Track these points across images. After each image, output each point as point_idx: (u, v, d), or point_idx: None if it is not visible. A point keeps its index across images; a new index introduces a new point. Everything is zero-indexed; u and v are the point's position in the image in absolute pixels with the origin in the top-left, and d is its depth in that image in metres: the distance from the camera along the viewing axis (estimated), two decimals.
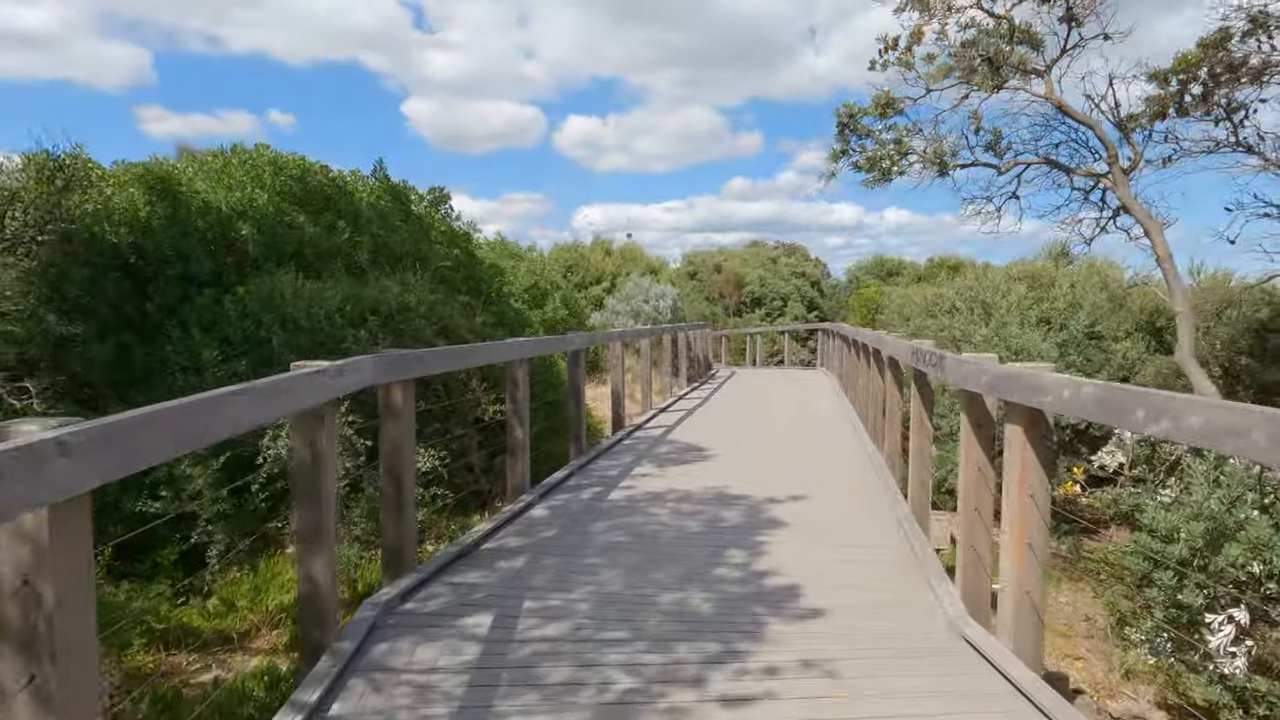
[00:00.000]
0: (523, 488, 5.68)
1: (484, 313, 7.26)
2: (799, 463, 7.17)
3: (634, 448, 7.95)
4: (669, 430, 9.11)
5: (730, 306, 28.48)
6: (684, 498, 5.73)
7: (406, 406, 3.84)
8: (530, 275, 12.93)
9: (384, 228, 6.94)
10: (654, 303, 15.90)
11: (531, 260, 13.28)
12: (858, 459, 7.36)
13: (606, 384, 14.17)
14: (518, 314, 8.44)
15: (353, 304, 5.70)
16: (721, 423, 9.78)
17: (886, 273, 27.43)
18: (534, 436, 8.36)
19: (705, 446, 8.01)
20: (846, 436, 8.76)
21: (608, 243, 21.90)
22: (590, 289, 19.54)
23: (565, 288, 14.87)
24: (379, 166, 7.91)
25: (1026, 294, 9.68)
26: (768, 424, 9.74)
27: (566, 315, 13.42)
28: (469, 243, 8.05)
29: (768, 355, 26.46)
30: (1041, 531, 3.02)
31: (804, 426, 9.51)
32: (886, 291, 20.25)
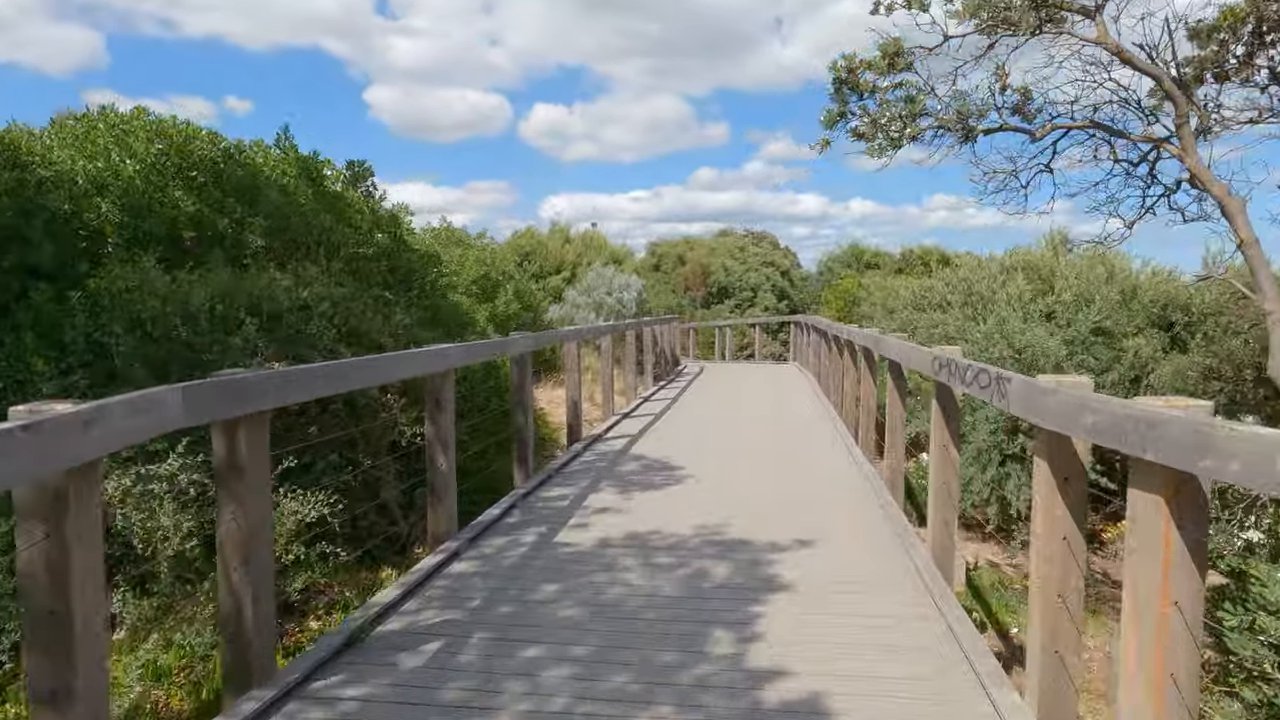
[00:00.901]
0: (448, 533, 4.57)
1: (412, 310, 6.13)
2: (786, 484, 6.17)
3: (593, 466, 6.87)
4: (633, 441, 8.05)
5: (697, 298, 27.50)
6: (652, 540, 4.67)
7: (254, 454, 2.71)
8: (479, 265, 11.75)
9: (286, 207, 5.76)
10: (617, 294, 14.83)
11: (481, 249, 12.10)
12: (852, 479, 6.37)
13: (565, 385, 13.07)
14: (456, 311, 7.32)
15: (225, 302, 4.53)
16: (693, 430, 8.75)
17: (862, 264, 26.66)
18: (480, 454, 7.27)
19: (676, 463, 6.97)
20: (834, 447, 7.79)
21: (567, 229, 20.75)
22: (548, 279, 18.36)
23: (520, 279, 13.71)
24: (284, 135, 6.67)
25: (1026, 286, 8.79)
26: (744, 431, 8.74)
27: (520, 310, 12.27)
28: (397, 226, 6.93)
29: (737, 348, 25.55)
30: (1193, 657, 2.00)
31: (785, 435, 8.53)
32: (864, 283, 19.41)
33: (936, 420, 4.13)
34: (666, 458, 7.18)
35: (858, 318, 18.45)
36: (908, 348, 4.80)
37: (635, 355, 11.89)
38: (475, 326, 8.92)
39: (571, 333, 7.70)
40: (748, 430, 8.84)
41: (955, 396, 4.09)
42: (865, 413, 7.54)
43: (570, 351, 7.88)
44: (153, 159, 5.62)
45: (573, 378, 7.91)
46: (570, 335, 7.61)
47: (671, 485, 6.16)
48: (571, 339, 7.75)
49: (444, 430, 4.54)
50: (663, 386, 13.49)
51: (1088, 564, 2.92)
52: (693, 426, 9.09)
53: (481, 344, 4.98)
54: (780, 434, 8.59)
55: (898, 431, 5.79)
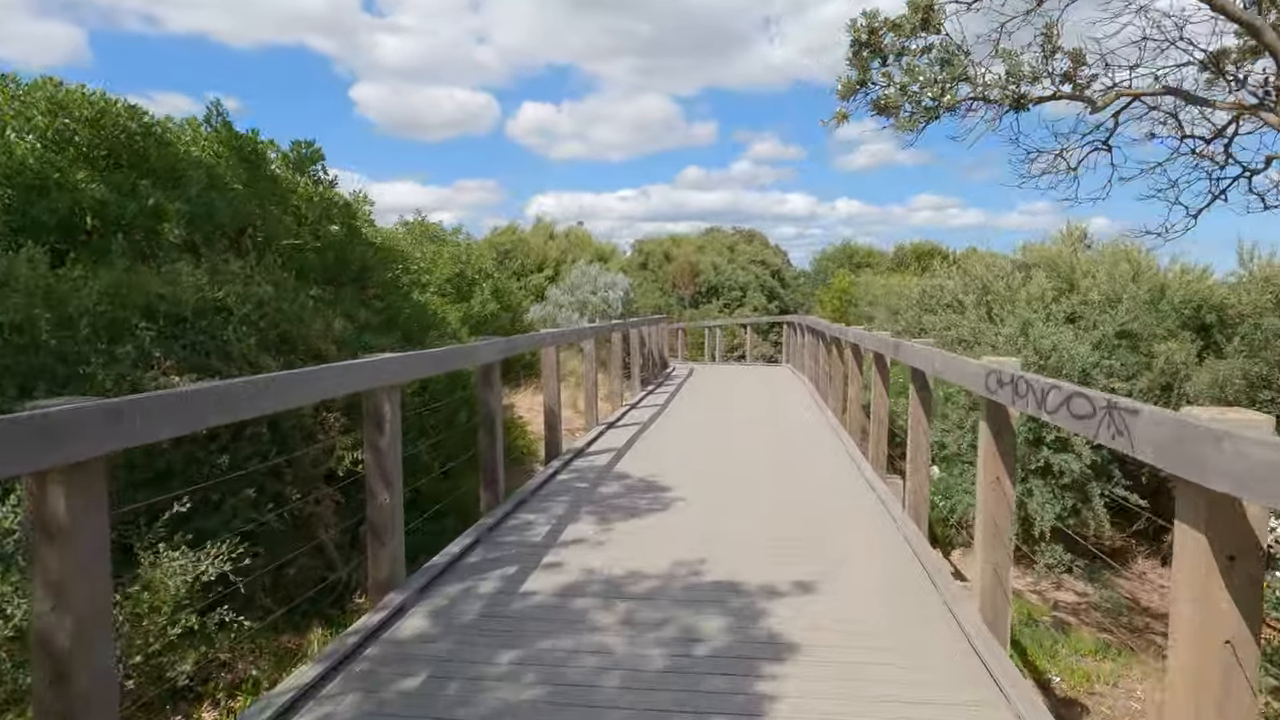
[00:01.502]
0: (393, 582, 3.78)
1: (363, 311, 5.34)
2: (789, 510, 5.42)
3: (571, 488, 6.10)
4: (618, 456, 7.28)
5: (686, 297, 26.77)
6: (634, 588, 3.91)
7: (80, 519, 1.92)
8: (454, 263, 10.95)
9: (213, 192, 4.96)
10: (603, 293, 14.07)
11: (456, 245, 11.30)
12: (866, 503, 5.63)
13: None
14: (421, 312, 6.53)
15: (115, 302, 3.72)
16: (683, 443, 7.99)
17: (855, 263, 26.01)
18: (449, 474, 6.49)
19: (664, 483, 6.21)
20: (839, 463, 7.05)
21: (551, 226, 19.93)
22: (530, 278, 17.56)
23: (499, 277, 12.91)
24: (215, 108, 5.82)
25: (1048, 284, 8.08)
26: (739, 443, 7.99)
27: (498, 310, 11.47)
28: (351, 217, 6.14)
29: (727, 349, 24.83)
30: None
31: (784, 448, 7.78)
32: (859, 282, 18.73)
33: (986, 448, 3.39)
34: (653, 477, 6.42)
35: (854, 318, 17.76)
36: (946, 358, 4.06)
37: (621, 358, 11.12)
38: (445, 329, 8.13)
39: (550, 336, 6.92)
40: (743, 442, 8.09)
41: (1009, 418, 3.34)
42: (876, 424, 6.80)
43: (549, 357, 7.10)
44: (58, 134, 4.80)
45: (551, 386, 7.13)
46: (548, 339, 6.83)
47: (658, 512, 5.39)
48: (550, 343, 6.98)
49: (386, 458, 3.75)
50: (650, 392, 12.73)
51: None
52: (683, 438, 8.33)
53: (432, 354, 4.19)
54: (778, 447, 7.84)
55: (921, 450, 5.06)
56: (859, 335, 7.88)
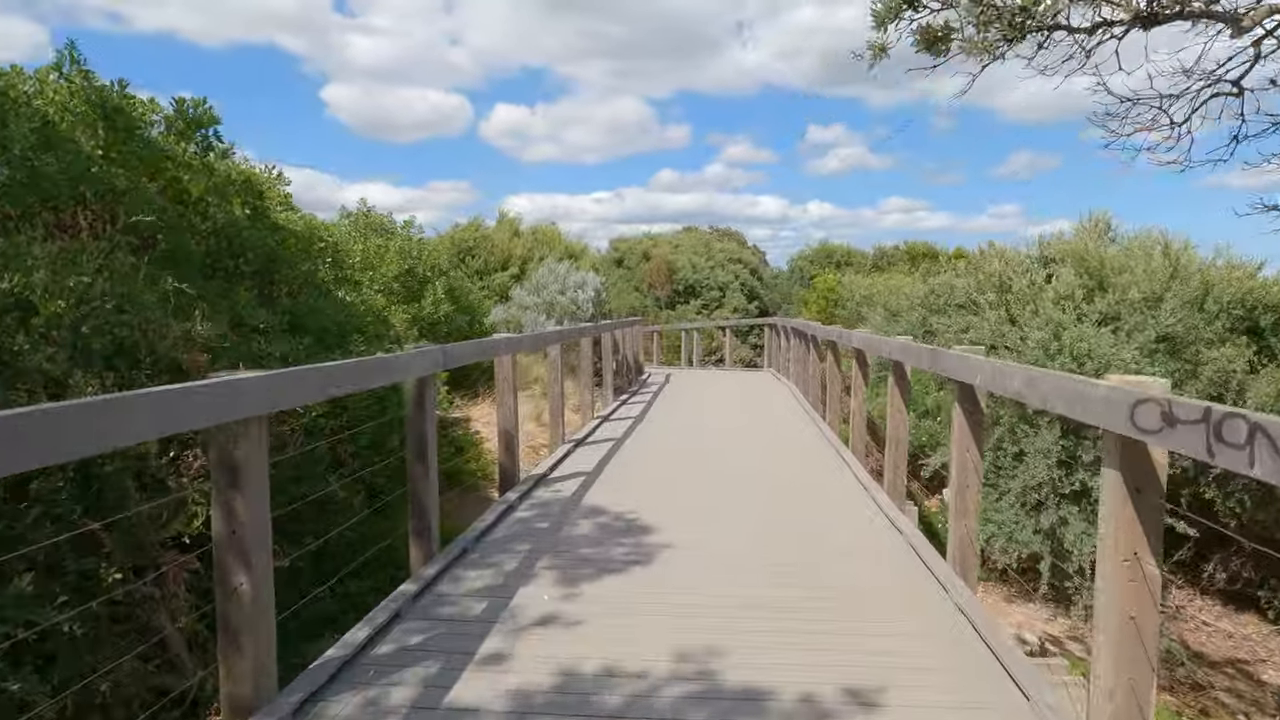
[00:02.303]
0: (256, 700, 2.64)
1: (261, 312, 4.18)
2: (796, 557, 4.35)
3: (529, 529, 4.98)
4: (588, 484, 6.18)
5: (662, 298, 25.71)
6: (611, 698, 2.81)
7: None
8: (402, 258, 9.76)
9: (47, 153, 3.80)
10: (572, 294, 12.93)
11: (406, 239, 10.11)
12: (893, 550, 4.58)
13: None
14: (347, 312, 5.37)
15: None
16: (662, 466, 6.90)
17: (834, 262, 25.12)
18: (378, 513, 5.34)
19: (645, 520, 5.12)
20: (847, 490, 6.01)
21: (517, 222, 18.73)
22: (494, 276, 16.38)
23: (456, 275, 11.74)
24: (69, 51, 4.59)
25: (1077, 282, 7.12)
26: (728, 465, 6.92)
27: (453, 311, 10.31)
28: (256, 196, 4.96)
29: (705, 353, 23.81)
30: None
31: (780, 471, 6.72)
32: (845, 282, 17.78)
33: (1116, 511, 2.33)
34: (631, 513, 5.32)
35: (843, 319, 16.82)
36: (1032, 375, 2.95)
37: (592, 365, 10.00)
38: (384, 333, 6.97)
39: (504, 342, 5.79)
40: (733, 463, 7.02)
41: (1155, 466, 2.29)
42: (893, 446, 5.77)
43: (503, 367, 5.97)
44: None
45: (507, 402, 6.00)
46: (502, 345, 5.70)
47: (639, 566, 4.29)
48: (505, 350, 5.85)
49: (246, 524, 2.61)
50: (624, 401, 11.63)
51: None
52: (663, 460, 7.24)
53: (328, 370, 3.06)
54: (775, 471, 6.78)
55: (970, 489, 4.01)
56: (865, 340, 6.85)
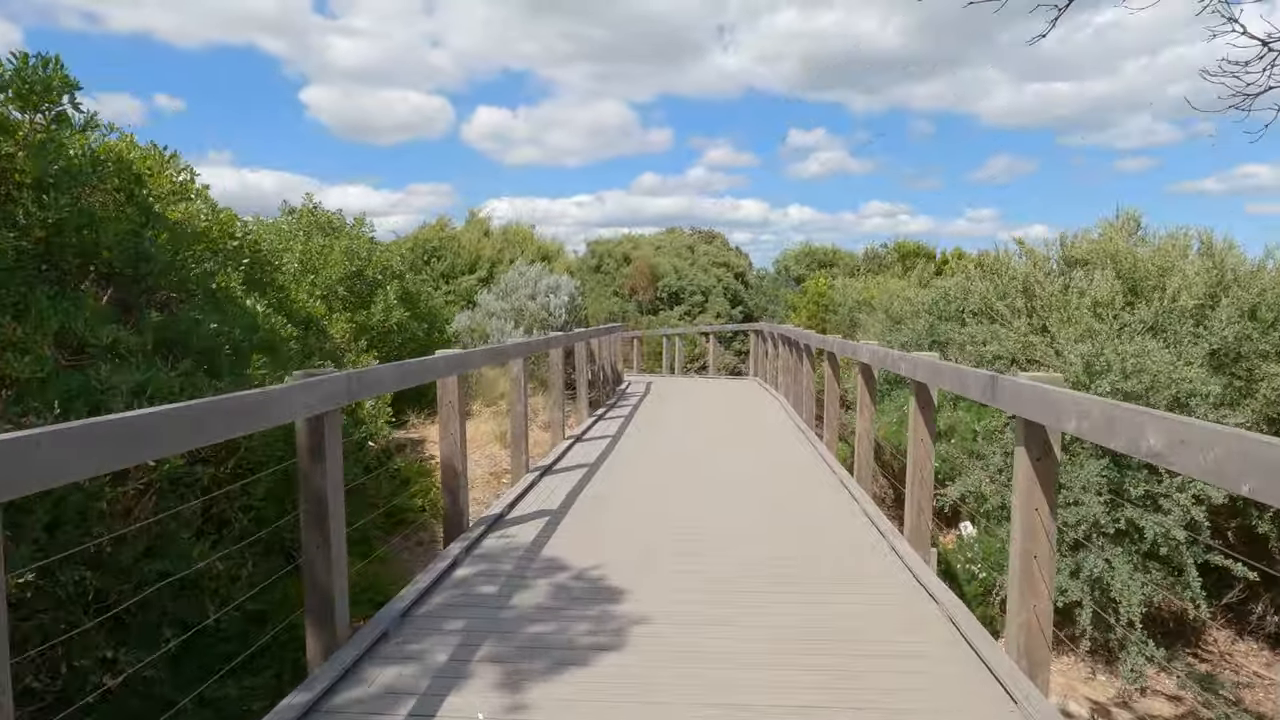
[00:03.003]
0: None
1: (111, 327, 3.18)
2: (827, 665, 3.39)
3: (472, 599, 4.00)
4: (552, 527, 5.21)
5: (644, 303, 24.76)
6: None
7: None
8: (349, 260, 8.73)
9: None
10: (543, 298, 11.94)
11: (355, 238, 9.08)
12: (937, 628, 3.63)
13: (476, 414, 10.12)
14: (253, 328, 4.36)
15: None
16: (641, 502, 5.94)
17: (819, 263, 24.28)
18: (282, 583, 4.32)
19: (620, 580, 4.18)
20: (862, 534, 5.07)
21: (487, 221, 17.66)
22: (460, 280, 15.33)
23: (414, 278, 10.72)
24: None
25: (1118, 286, 6.25)
26: (719, 498, 5.97)
27: (408, 319, 9.28)
28: (135, 183, 3.97)
29: (688, 360, 22.89)
30: None
31: (780, 506, 5.77)
32: (837, 286, 16.90)
33: None
34: (603, 571, 4.36)
35: (834, 325, 15.96)
36: (1198, 430, 1.96)
37: (564, 378, 9.02)
38: (308, 350, 5.96)
39: (447, 361, 4.80)
40: (723, 498, 6.07)
41: None
42: (917, 484, 4.83)
43: (447, 391, 4.98)
44: None
45: (452, 433, 5.01)
46: (441, 365, 4.70)
47: (610, 654, 3.33)
48: (449, 370, 4.86)
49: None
50: (600, 417, 10.66)
51: None
52: (642, 493, 6.27)
53: (108, 424, 2.05)
54: (773, 507, 5.84)
55: (1041, 559, 3.07)
56: (878, 355, 5.92)
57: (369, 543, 5.47)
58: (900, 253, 20.76)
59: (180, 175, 4.82)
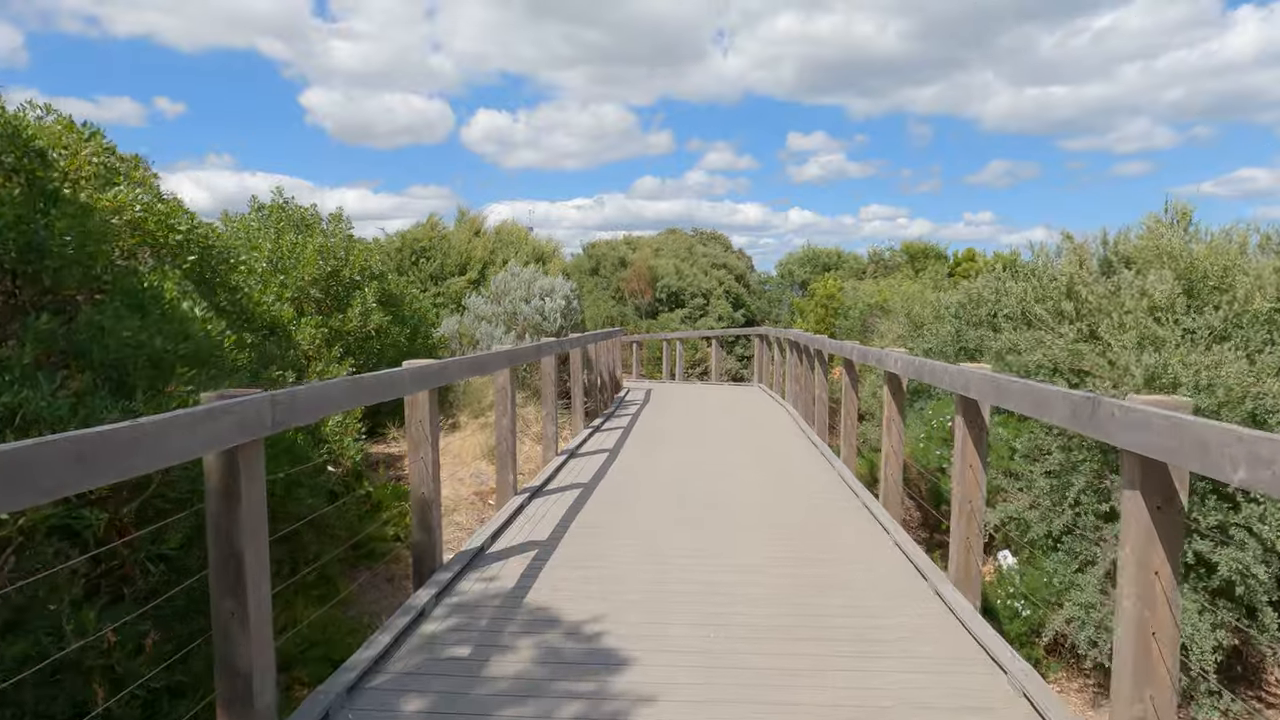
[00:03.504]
0: None
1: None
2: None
3: (433, 670, 3.31)
4: (537, 568, 4.53)
5: (642, 306, 24.09)
6: None
7: None
8: (324, 259, 8.05)
9: None
10: (538, 301, 11.24)
11: (330, 236, 8.40)
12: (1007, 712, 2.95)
13: (461, 426, 9.43)
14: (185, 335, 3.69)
15: None
16: (647, 531, 5.25)
17: (823, 266, 23.63)
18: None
19: (612, 642, 3.50)
20: (901, 579, 4.39)
21: (479, 220, 17.00)
22: (449, 282, 14.65)
23: (398, 279, 10.03)
24: None
25: (1177, 287, 5.58)
26: (732, 528, 5.30)
27: (389, 323, 8.60)
28: (42, 163, 3.30)
29: (689, 365, 22.23)
30: None
31: (802, 539, 5.09)
32: (846, 288, 16.22)
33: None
34: (594, 625, 3.68)
35: (845, 330, 15.30)
36: None
37: (557, 387, 8.35)
38: (270, 356, 5.28)
39: (416, 375, 4.11)
40: (734, 530, 5.39)
41: None
42: (967, 518, 4.15)
43: (417, 409, 4.30)
44: None
45: (422, 458, 4.33)
46: (407, 380, 4.01)
47: None
48: (418, 386, 4.17)
49: None
50: (598, 429, 9.98)
51: None
52: (641, 522, 5.58)
53: None
54: (793, 541, 5.16)
55: (1168, 639, 2.40)
56: (911, 365, 5.24)
57: (330, 583, 4.79)
58: (909, 253, 20.05)
59: (103, 158, 4.13)
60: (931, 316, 8.16)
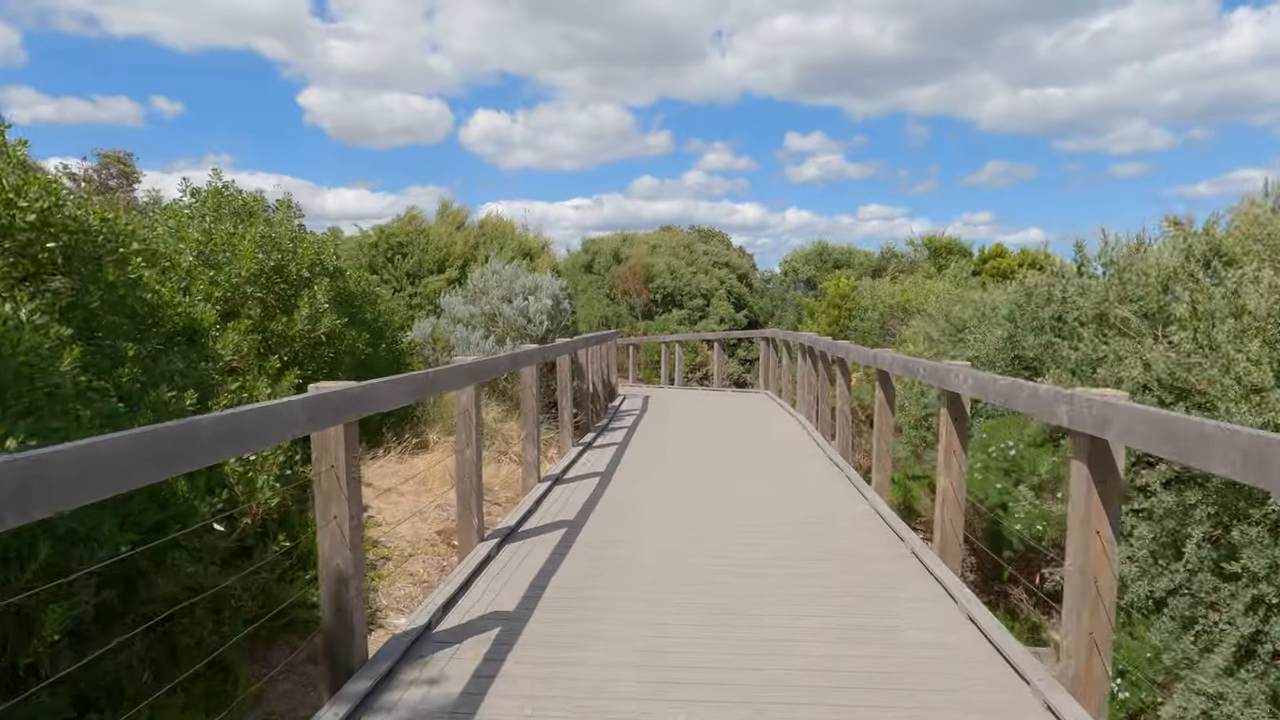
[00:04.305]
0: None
1: None
2: None
3: None
4: (499, 655, 3.40)
5: (638, 306, 22.94)
6: None
7: None
8: (266, 251, 6.90)
9: None
10: (520, 301, 10.07)
11: (274, 225, 7.25)
12: None
13: (432, 446, 8.29)
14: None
15: None
16: (641, 605, 4.11)
17: (831, 263, 22.48)
18: None
19: None
20: (980, 659, 3.26)
21: (462, 214, 15.82)
22: (427, 280, 13.49)
23: (364, 277, 8.88)
24: None
25: None
26: (753, 599, 4.16)
27: (343, 327, 7.45)
28: None
29: (689, 369, 21.10)
30: None
31: (848, 616, 3.95)
32: (862, 287, 15.07)
33: None
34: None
35: (862, 333, 14.19)
36: None
37: (538, 405, 7.22)
38: (146, 375, 4.15)
39: (312, 406, 2.94)
40: (758, 598, 4.26)
41: None
42: (1093, 603, 3.01)
43: (329, 452, 3.15)
44: None
45: (333, 519, 3.17)
46: (305, 414, 2.85)
47: None
48: (325, 420, 3.01)
49: None
50: (589, 445, 8.84)
51: None
52: (640, 582, 4.44)
53: None
54: (827, 602, 4.04)
55: None
56: (983, 385, 4.09)
57: (228, 673, 3.64)
58: (931, 248, 18.88)
59: None
60: (975, 319, 7.05)
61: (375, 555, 5.43)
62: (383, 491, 6.62)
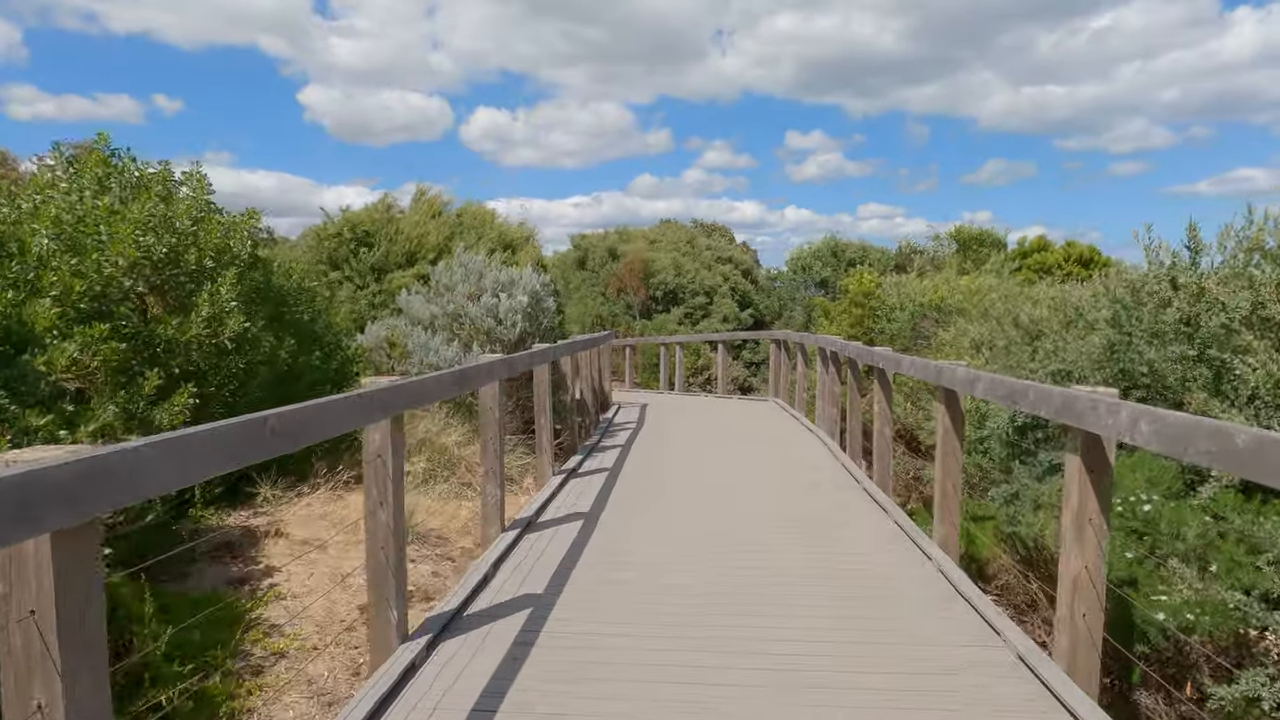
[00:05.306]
0: None
1: None
2: None
3: None
4: None
5: (635, 304, 21.45)
6: None
7: None
8: (155, 234, 5.42)
9: None
10: (489, 299, 8.55)
11: (163, 201, 5.74)
12: None
13: None
14: None
15: None
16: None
17: (848, 260, 21.00)
18: None
19: None
20: None
21: (439, 202, 14.30)
22: (393, 276, 11.99)
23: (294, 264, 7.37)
24: None
25: None
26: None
27: (259, 331, 5.98)
28: None
29: (690, 373, 19.62)
30: None
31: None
32: (886, 284, 13.58)
33: None
34: None
35: (890, 336, 12.74)
36: None
37: (500, 433, 5.76)
38: None
39: (98, 461, 1.50)
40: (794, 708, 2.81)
41: None
42: None
43: (42, 572, 1.65)
44: None
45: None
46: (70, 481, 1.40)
47: None
48: (21, 533, 1.54)
49: None
50: (573, 473, 7.36)
51: None
52: (633, 697, 2.97)
53: None
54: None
55: None
56: (1156, 428, 2.63)
57: None
58: (959, 240, 17.36)
59: None
60: (1057, 324, 5.62)
61: (265, 649, 3.94)
62: (299, 544, 5.14)
